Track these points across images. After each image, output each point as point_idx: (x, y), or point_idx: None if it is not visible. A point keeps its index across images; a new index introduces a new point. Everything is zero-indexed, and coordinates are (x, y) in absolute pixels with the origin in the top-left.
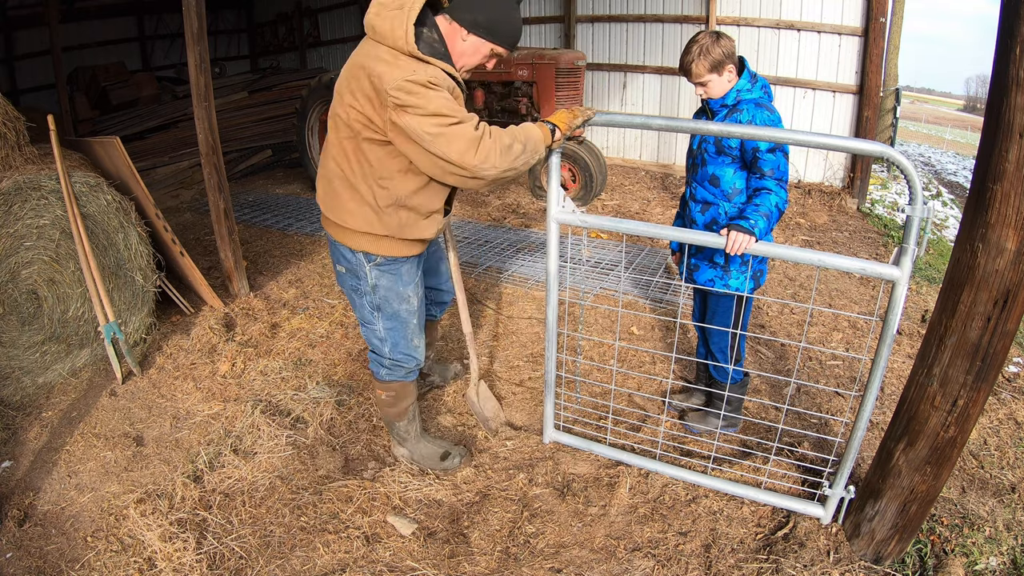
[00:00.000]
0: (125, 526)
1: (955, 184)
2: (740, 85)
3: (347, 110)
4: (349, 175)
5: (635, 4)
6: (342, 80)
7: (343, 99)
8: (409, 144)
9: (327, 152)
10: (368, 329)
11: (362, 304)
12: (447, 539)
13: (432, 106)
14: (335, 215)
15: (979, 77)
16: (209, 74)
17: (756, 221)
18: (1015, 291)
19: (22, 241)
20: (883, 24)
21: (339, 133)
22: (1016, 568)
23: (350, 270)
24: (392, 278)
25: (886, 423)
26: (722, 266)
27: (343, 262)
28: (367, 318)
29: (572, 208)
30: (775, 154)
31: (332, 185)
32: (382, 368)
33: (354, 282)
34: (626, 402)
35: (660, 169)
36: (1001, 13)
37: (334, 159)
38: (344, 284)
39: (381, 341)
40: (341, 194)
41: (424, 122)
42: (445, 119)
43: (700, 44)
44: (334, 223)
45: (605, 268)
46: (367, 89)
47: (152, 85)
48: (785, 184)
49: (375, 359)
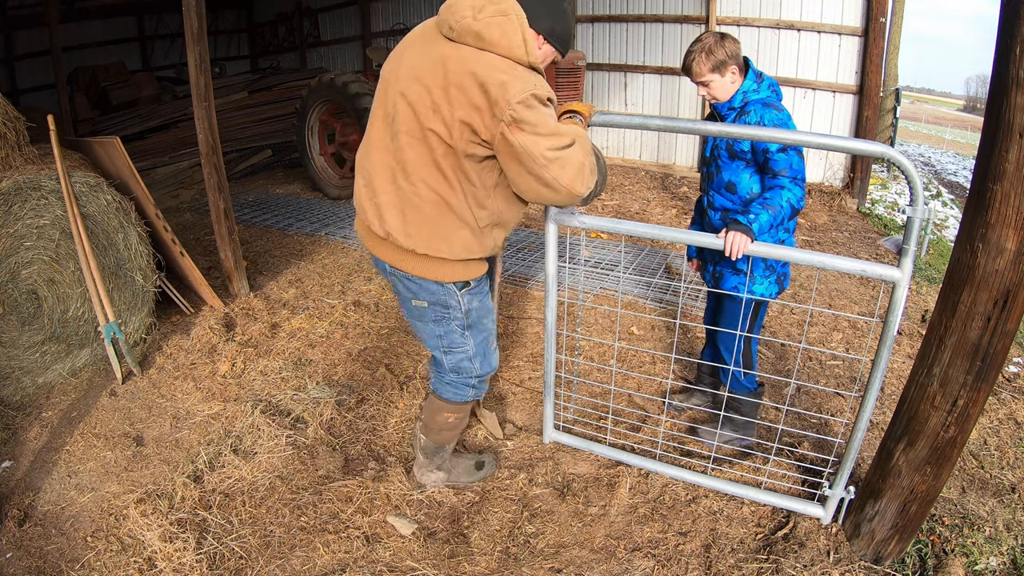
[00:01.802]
0: (125, 526)
1: (955, 184)
2: (745, 86)
3: (447, 125)
4: (448, 196)
5: (635, 4)
6: (430, 89)
7: (439, 110)
8: (514, 163)
9: (410, 173)
10: (455, 354)
11: (448, 331)
12: (447, 539)
13: (549, 126)
14: (428, 246)
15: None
16: (209, 74)
17: (757, 215)
18: (1015, 291)
19: (22, 241)
20: (883, 24)
21: (433, 152)
22: (1016, 568)
23: (435, 303)
24: (481, 296)
25: (886, 423)
26: (745, 272)
27: (425, 296)
28: (455, 342)
29: (571, 209)
30: (787, 153)
31: (422, 212)
32: (469, 389)
33: (439, 312)
34: (626, 402)
35: (660, 169)
36: (1001, 13)
37: (425, 181)
38: (422, 318)
39: (471, 360)
40: (437, 221)
41: (541, 143)
42: (560, 140)
43: (703, 43)
44: (420, 257)
45: (605, 268)
46: (477, 99)
47: (152, 85)
48: (801, 182)
49: (458, 382)
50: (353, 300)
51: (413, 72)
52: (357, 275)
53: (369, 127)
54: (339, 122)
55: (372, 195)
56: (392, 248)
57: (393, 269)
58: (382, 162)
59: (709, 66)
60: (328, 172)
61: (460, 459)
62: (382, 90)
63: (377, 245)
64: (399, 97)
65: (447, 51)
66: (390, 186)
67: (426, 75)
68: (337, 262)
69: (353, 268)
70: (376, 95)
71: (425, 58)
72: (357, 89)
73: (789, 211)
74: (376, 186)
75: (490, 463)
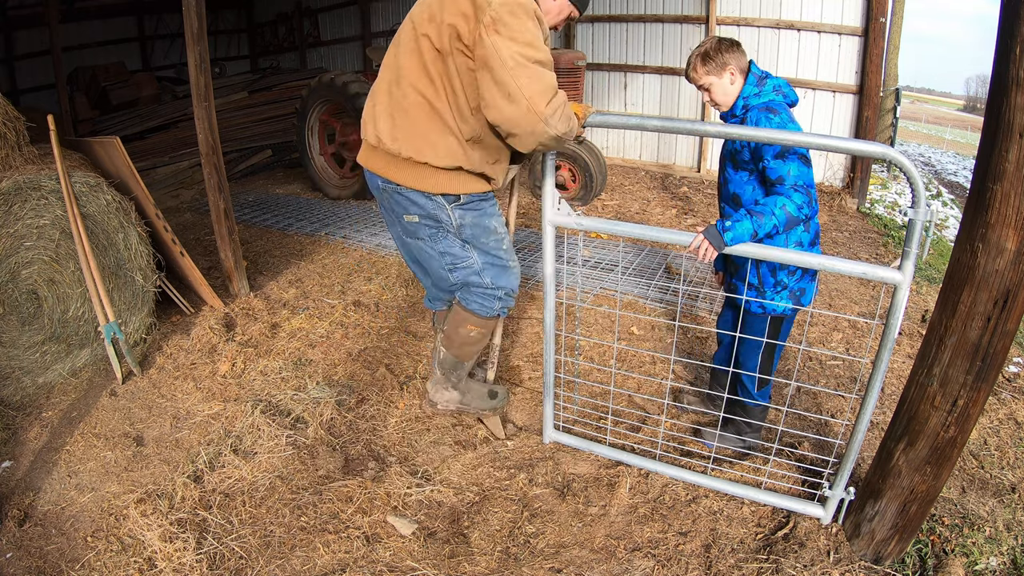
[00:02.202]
0: (125, 526)
1: (955, 184)
2: (745, 91)
3: (438, 27)
4: (434, 100)
5: (635, 4)
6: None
7: (434, 18)
8: (484, 71)
9: (401, 79)
10: (460, 269)
11: (448, 245)
12: (447, 539)
13: (527, 36)
14: (414, 149)
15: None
16: (209, 74)
17: (736, 223)
18: (1015, 291)
19: (22, 241)
20: (883, 24)
21: (423, 56)
22: (1016, 568)
23: (426, 216)
24: (477, 214)
25: (886, 423)
26: (756, 287)
27: (415, 210)
28: (458, 256)
29: (568, 211)
30: (784, 160)
31: (409, 116)
32: (496, 301)
33: (431, 228)
34: (626, 402)
35: (660, 169)
36: (1001, 13)
37: (413, 85)
38: (414, 234)
39: (480, 274)
40: (423, 123)
41: (512, 46)
42: (535, 52)
43: (702, 46)
44: (407, 163)
45: (605, 268)
46: (465, 6)
47: (152, 85)
48: (803, 189)
49: (479, 293)
50: (353, 300)
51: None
52: (357, 275)
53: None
54: (339, 122)
55: (371, 108)
56: (382, 156)
57: (384, 183)
58: (384, 79)
59: (705, 69)
60: (328, 172)
61: (474, 383)
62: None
63: (371, 157)
64: (407, 22)
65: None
66: (385, 96)
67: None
68: (337, 262)
69: (353, 268)
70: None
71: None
72: (357, 89)
73: (784, 219)
74: (376, 97)
75: (503, 394)
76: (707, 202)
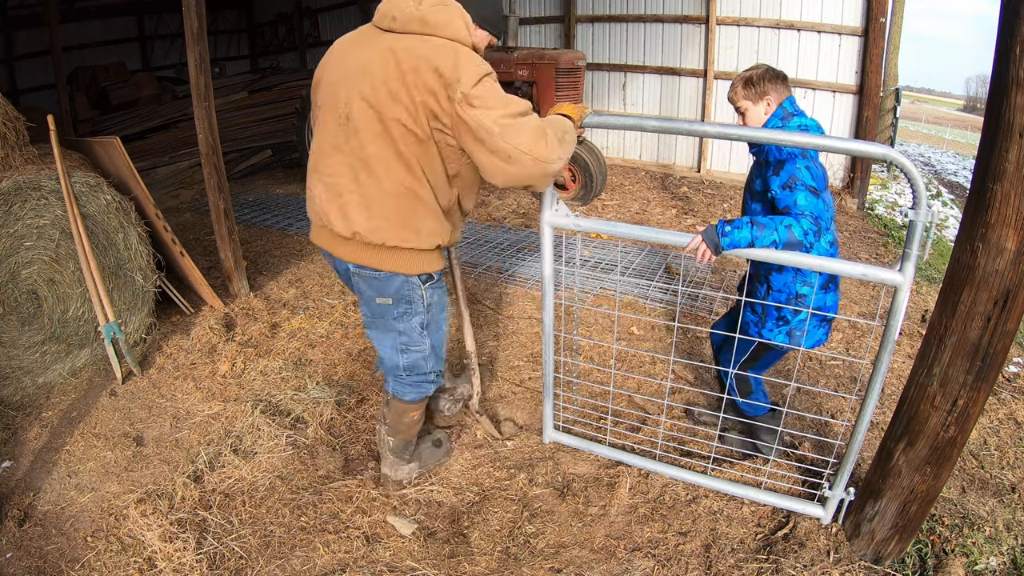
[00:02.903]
0: (125, 526)
1: (955, 184)
2: (769, 124)
3: (409, 110)
4: (414, 186)
5: (635, 4)
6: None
7: (398, 98)
8: (473, 143)
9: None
10: (412, 353)
11: (409, 328)
12: (447, 539)
13: (497, 97)
14: (398, 238)
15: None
16: (209, 74)
17: (735, 229)
18: (1015, 291)
19: (22, 241)
20: (883, 24)
21: (396, 143)
22: (1016, 568)
23: (399, 299)
24: (441, 291)
25: (886, 423)
26: (760, 315)
27: (390, 292)
28: (414, 341)
29: (566, 212)
30: (792, 191)
31: (389, 205)
32: (428, 385)
33: (403, 308)
34: (626, 403)
35: (660, 169)
36: (1001, 13)
37: (390, 173)
38: (384, 316)
39: (425, 359)
40: (405, 212)
41: (491, 114)
42: (511, 107)
43: (749, 70)
44: (389, 250)
45: (606, 268)
46: (432, 82)
47: (152, 85)
48: (810, 218)
49: (416, 381)
50: (353, 300)
51: (362, 71)
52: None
53: (319, 132)
54: None
55: (334, 198)
56: (358, 247)
57: (358, 268)
58: (342, 163)
59: (744, 93)
60: None
61: (421, 444)
62: (329, 95)
63: (340, 247)
64: (353, 97)
65: (392, 43)
66: (353, 185)
67: (377, 69)
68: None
69: None
70: (320, 102)
71: (372, 54)
72: None
73: (787, 238)
74: (340, 188)
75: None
76: (707, 202)
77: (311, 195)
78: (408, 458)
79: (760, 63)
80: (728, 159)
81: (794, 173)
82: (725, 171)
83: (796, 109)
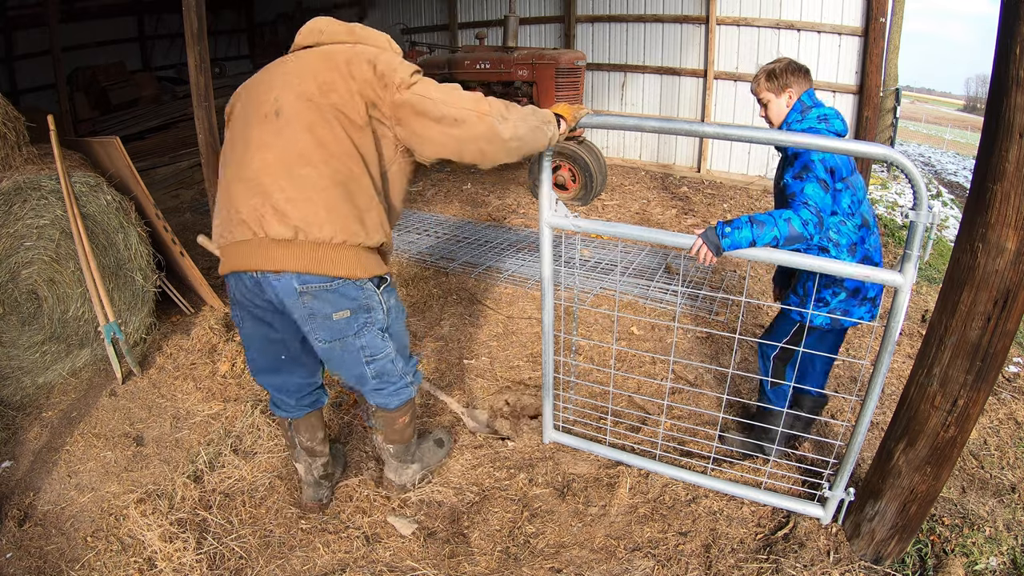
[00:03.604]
0: (125, 526)
1: (955, 184)
2: (789, 117)
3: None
4: (356, 171)
5: (635, 4)
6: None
7: (334, 89)
8: (417, 119)
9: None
10: (378, 361)
11: (371, 338)
12: (447, 539)
13: (436, 84)
14: (345, 230)
15: (979, 77)
16: (209, 74)
17: (735, 230)
18: (1015, 291)
19: (22, 241)
20: (883, 24)
21: (334, 129)
22: (1016, 568)
23: (358, 309)
24: (395, 293)
25: (886, 423)
26: (801, 297)
27: (346, 304)
28: (377, 348)
29: (565, 212)
30: (802, 180)
31: (331, 192)
32: (405, 389)
33: (362, 320)
34: (626, 403)
35: (660, 169)
36: (1001, 13)
37: (331, 159)
38: (342, 334)
39: (393, 362)
40: (348, 199)
41: (431, 90)
42: (446, 87)
43: (773, 63)
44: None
45: (605, 268)
46: (367, 74)
47: (152, 85)
48: (812, 207)
49: (391, 387)
50: None
51: (292, 74)
52: None
53: (231, 148)
54: None
55: (264, 200)
56: (301, 249)
57: (305, 283)
58: (272, 160)
59: (768, 85)
60: None
61: (422, 443)
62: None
63: (279, 258)
64: (284, 94)
65: (324, 49)
66: (287, 181)
67: (308, 69)
68: None
69: None
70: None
71: (297, 63)
72: None
73: (787, 232)
74: (270, 187)
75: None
76: (707, 202)
77: (231, 208)
78: (410, 459)
79: (783, 56)
80: (728, 159)
81: (807, 163)
82: (725, 171)
83: (815, 101)
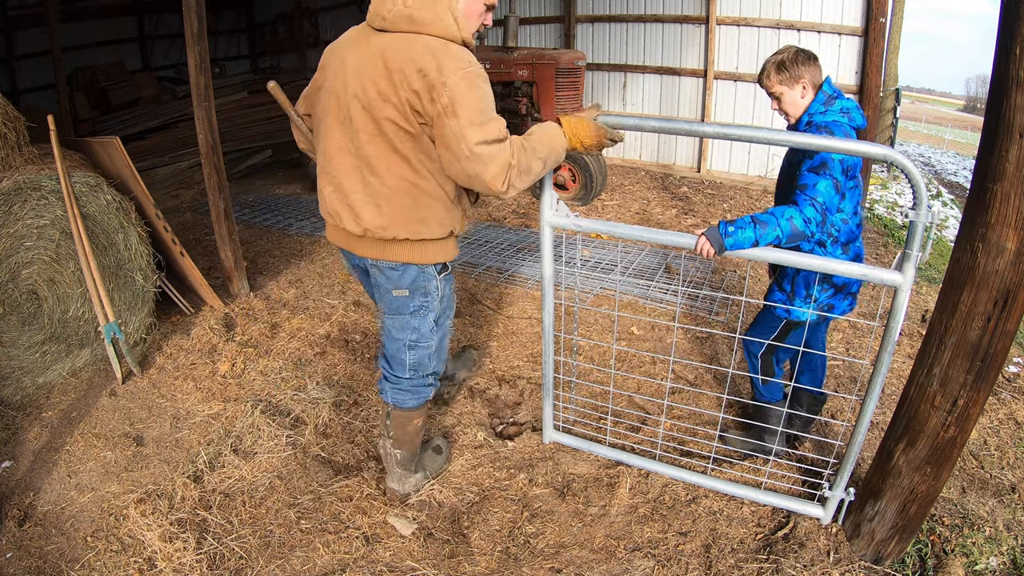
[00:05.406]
0: (125, 526)
1: (955, 184)
2: (812, 108)
3: (398, 108)
4: (416, 180)
5: (635, 4)
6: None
7: (387, 97)
8: (444, 150)
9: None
10: (420, 349)
11: (423, 322)
12: (447, 539)
13: (481, 115)
14: (409, 231)
15: (979, 77)
16: (209, 74)
17: (738, 229)
18: (1015, 291)
19: (22, 241)
20: (883, 24)
21: (391, 140)
22: (1016, 568)
23: (416, 289)
24: (452, 285)
25: (886, 423)
26: (788, 293)
27: (406, 283)
28: (424, 336)
29: (566, 212)
30: (818, 174)
31: (395, 201)
32: (427, 389)
33: (419, 301)
34: (626, 403)
35: (660, 169)
36: (1001, 13)
37: (391, 171)
38: (400, 311)
39: (431, 356)
40: (412, 206)
41: (469, 136)
42: (489, 132)
43: (779, 54)
44: (402, 243)
45: (606, 268)
46: (416, 83)
47: (152, 85)
48: (819, 205)
49: (416, 385)
50: (353, 300)
51: (357, 73)
52: None
53: (324, 135)
54: None
55: (343, 197)
56: (372, 243)
57: (375, 260)
58: (347, 164)
59: (779, 78)
60: None
61: (423, 452)
62: (332, 97)
63: (356, 245)
64: (351, 99)
65: (383, 42)
66: (360, 185)
67: (368, 71)
68: (337, 262)
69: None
70: (324, 102)
71: (364, 55)
72: None
73: (789, 231)
74: (346, 188)
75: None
76: (707, 202)
77: (322, 196)
78: (414, 468)
79: (789, 45)
80: (728, 159)
81: (827, 160)
82: (725, 171)
83: (837, 92)
